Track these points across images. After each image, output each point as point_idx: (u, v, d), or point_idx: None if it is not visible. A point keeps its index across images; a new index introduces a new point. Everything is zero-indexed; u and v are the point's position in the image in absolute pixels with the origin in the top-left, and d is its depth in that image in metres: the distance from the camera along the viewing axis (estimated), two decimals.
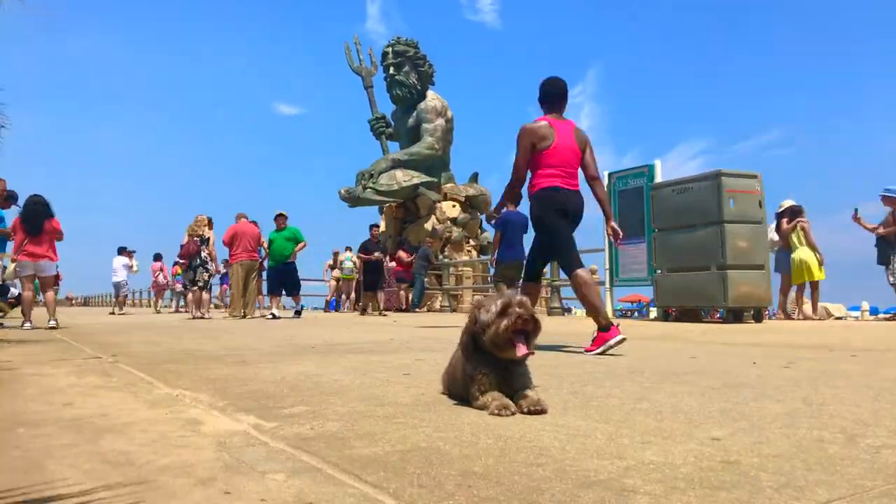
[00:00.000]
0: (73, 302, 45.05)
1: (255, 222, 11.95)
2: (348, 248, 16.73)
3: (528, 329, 1.83)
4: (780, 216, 9.76)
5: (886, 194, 8.55)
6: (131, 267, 17.44)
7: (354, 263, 15.72)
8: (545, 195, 4.04)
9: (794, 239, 9.41)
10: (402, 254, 15.53)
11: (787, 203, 9.81)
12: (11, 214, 8.40)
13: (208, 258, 12.03)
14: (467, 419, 1.76)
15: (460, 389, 2.00)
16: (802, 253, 9.31)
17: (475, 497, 1.09)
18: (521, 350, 1.82)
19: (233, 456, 1.40)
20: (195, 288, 11.89)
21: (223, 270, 16.53)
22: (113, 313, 16.53)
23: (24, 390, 2.47)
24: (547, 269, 13.61)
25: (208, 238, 11.98)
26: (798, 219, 9.47)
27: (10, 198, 8.48)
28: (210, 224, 12.26)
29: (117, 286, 17.75)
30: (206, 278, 12.02)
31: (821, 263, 9.30)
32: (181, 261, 12.54)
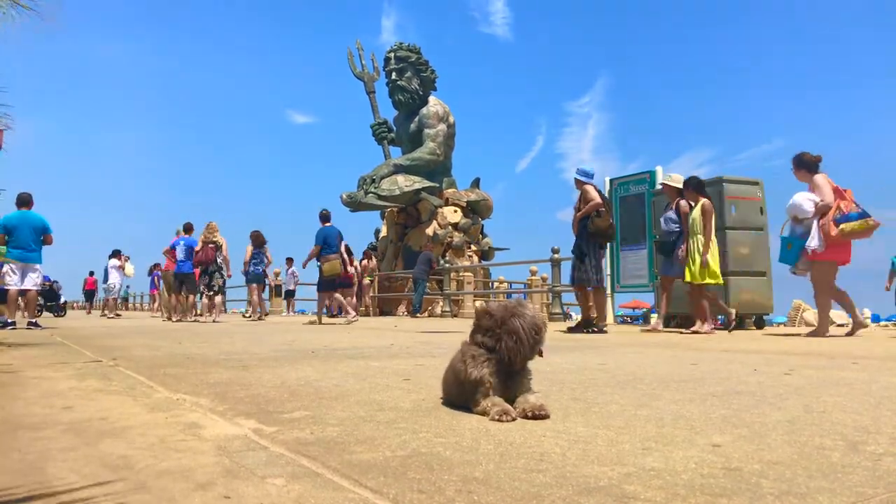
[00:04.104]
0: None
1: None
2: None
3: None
4: (679, 194, 7.42)
5: None
6: (122, 268, 17.58)
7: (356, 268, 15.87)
8: None
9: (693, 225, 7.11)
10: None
11: (678, 177, 7.48)
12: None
13: (223, 264, 12.18)
14: (468, 424, 1.75)
15: (460, 394, 2.00)
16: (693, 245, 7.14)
17: (475, 502, 1.09)
18: (545, 352, 1.95)
19: (232, 460, 1.39)
20: (210, 293, 12.15)
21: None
22: (104, 315, 16.66)
23: (24, 393, 2.47)
24: (548, 274, 13.56)
25: (221, 244, 12.12)
26: (701, 197, 7.11)
27: None
28: (191, 229, 12.58)
29: (107, 289, 17.99)
30: (220, 283, 12.18)
31: (702, 263, 6.92)
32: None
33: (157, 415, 1.99)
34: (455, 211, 18.71)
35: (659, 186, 9.05)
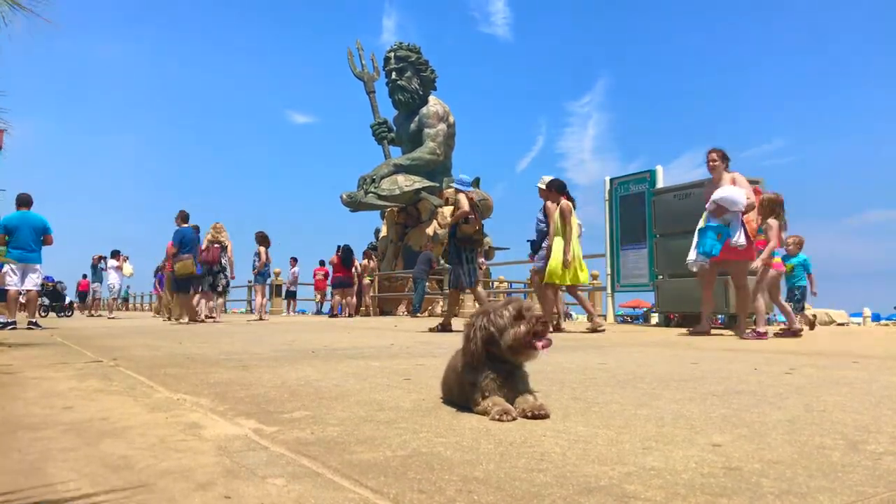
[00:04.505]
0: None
1: (196, 227, 12.23)
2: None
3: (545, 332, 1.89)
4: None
5: None
6: (120, 269, 17.64)
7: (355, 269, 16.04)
8: None
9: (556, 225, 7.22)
10: (334, 257, 15.74)
11: (545, 178, 7.65)
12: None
13: (228, 264, 12.25)
14: (468, 424, 1.75)
15: (460, 395, 2.00)
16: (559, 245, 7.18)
17: (476, 502, 1.09)
18: (541, 345, 1.85)
19: (233, 460, 1.39)
20: (215, 294, 12.28)
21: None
22: (100, 316, 16.75)
23: (24, 393, 2.47)
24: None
25: (227, 245, 12.18)
26: (562, 198, 7.25)
27: None
28: (197, 230, 12.62)
29: (109, 289, 18.09)
30: (224, 284, 12.38)
31: (566, 263, 7.01)
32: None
33: (157, 415, 1.99)
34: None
35: (659, 186, 9.20)
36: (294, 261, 20.39)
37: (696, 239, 6.30)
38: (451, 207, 18.78)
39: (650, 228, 9.26)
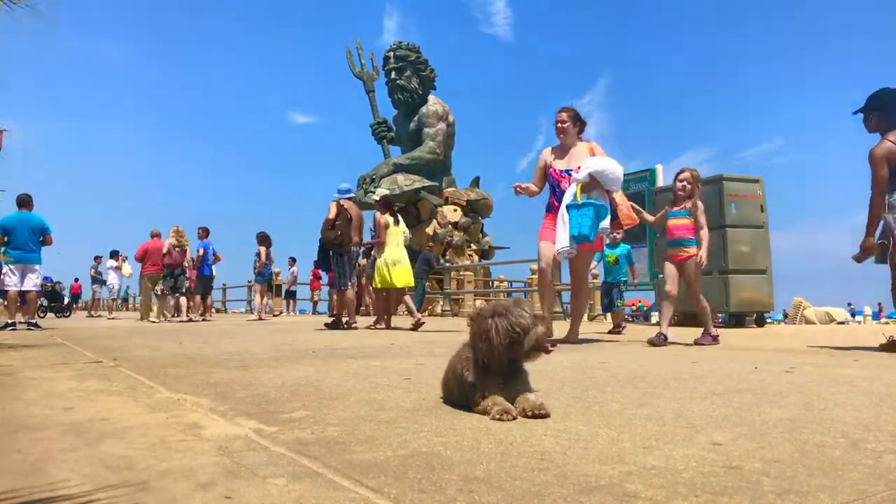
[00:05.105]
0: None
1: (159, 234, 13.30)
2: None
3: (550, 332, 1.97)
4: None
5: None
6: (119, 269, 17.67)
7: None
8: None
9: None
10: None
11: (380, 191, 9.04)
12: None
13: (187, 266, 12.81)
14: (468, 424, 1.75)
15: (460, 395, 2.00)
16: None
17: (476, 502, 1.09)
18: (551, 346, 1.94)
19: (233, 460, 1.39)
20: (177, 294, 12.73)
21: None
22: (100, 316, 16.79)
23: (24, 394, 2.47)
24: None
25: (187, 248, 12.78)
26: (387, 212, 8.19)
27: None
28: (207, 233, 13.29)
29: (108, 290, 18.14)
30: (187, 285, 12.90)
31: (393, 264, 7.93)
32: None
33: (157, 415, 1.99)
34: (455, 210, 18.70)
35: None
36: (293, 261, 20.40)
37: (566, 217, 4.88)
38: (452, 207, 18.69)
39: (650, 227, 9.27)
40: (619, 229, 5.51)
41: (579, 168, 5.00)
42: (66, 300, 20.92)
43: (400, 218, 8.37)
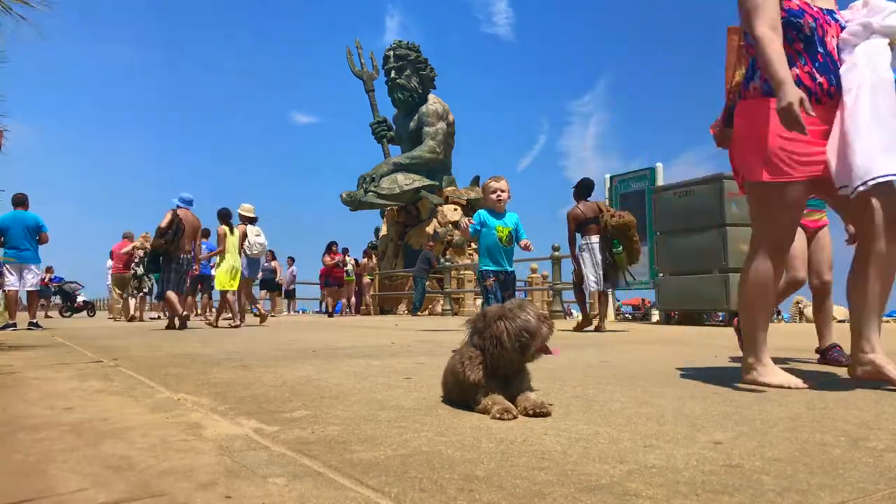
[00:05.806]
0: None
1: (131, 235, 13.78)
2: (345, 251, 16.92)
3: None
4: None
5: None
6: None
7: (353, 267, 16.16)
8: None
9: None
10: (326, 258, 15.82)
11: (245, 207, 9.81)
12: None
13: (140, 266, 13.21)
14: (469, 423, 1.75)
15: (461, 395, 2.00)
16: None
17: (477, 501, 1.09)
18: (556, 350, 1.96)
19: (234, 460, 1.39)
20: (140, 294, 13.37)
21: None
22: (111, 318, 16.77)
23: (25, 394, 2.47)
24: (548, 272, 13.57)
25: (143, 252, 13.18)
26: (225, 224, 9.49)
27: None
28: (206, 234, 13.16)
29: (109, 288, 18.09)
30: (150, 286, 13.24)
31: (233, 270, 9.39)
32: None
33: (158, 415, 1.99)
34: (455, 209, 18.69)
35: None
36: (291, 260, 20.38)
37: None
38: (452, 206, 18.73)
39: (650, 226, 9.27)
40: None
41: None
42: (81, 300, 20.71)
43: (236, 228, 9.64)
